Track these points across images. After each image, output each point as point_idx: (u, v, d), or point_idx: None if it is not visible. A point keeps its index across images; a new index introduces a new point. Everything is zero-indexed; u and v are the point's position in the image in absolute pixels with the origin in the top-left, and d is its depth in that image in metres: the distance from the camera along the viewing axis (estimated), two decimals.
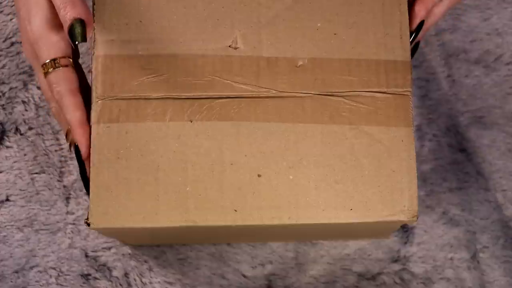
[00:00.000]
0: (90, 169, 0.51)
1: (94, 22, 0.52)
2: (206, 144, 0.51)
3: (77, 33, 0.50)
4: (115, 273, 0.66)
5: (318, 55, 0.52)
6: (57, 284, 0.65)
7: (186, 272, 0.66)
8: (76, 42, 0.50)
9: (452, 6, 0.58)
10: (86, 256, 0.66)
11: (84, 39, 0.51)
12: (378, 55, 0.52)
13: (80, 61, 0.68)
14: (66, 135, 0.54)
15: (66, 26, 0.51)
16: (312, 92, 0.52)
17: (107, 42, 0.52)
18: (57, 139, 0.67)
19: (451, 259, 0.67)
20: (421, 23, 0.55)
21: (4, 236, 0.66)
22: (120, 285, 0.65)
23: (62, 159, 0.67)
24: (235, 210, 0.51)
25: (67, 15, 0.51)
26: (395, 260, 0.67)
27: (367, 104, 0.52)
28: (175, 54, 0.52)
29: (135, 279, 0.65)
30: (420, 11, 0.55)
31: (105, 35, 0.52)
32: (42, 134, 0.68)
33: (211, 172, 0.51)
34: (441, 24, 0.70)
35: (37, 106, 0.68)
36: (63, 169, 0.67)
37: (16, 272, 0.65)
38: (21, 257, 0.66)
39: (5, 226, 0.66)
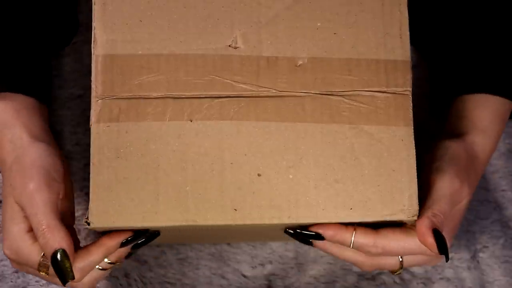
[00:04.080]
0: (90, 168, 0.51)
1: (75, 251, 0.52)
2: (206, 144, 0.51)
3: (63, 268, 0.50)
4: (115, 273, 0.65)
5: (318, 54, 0.53)
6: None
7: (186, 272, 0.66)
8: (67, 280, 0.50)
9: None
10: None
11: (72, 276, 0.51)
12: (378, 54, 0.52)
13: (81, 61, 0.68)
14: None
15: (48, 255, 0.51)
16: (312, 92, 0.52)
17: (107, 42, 0.52)
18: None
19: (451, 259, 0.67)
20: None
21: None
22: (120, 285, 0.65)
23: None
24: (235, 210, 0.51)
25: (47, 243, 0.51)
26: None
27: (367, 104, 0.52)
28: (175, 54, 0.52)
29: (135, 279, 0.65)
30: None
31: (105, 34, 0.52)
32: None
33: (211, 171, 0.51)
34: None
35: None
36: None
37: (16, 272, 0.65)
38: None
39: None
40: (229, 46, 0.52)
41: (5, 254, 0.55)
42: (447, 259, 0.52)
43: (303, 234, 0.54)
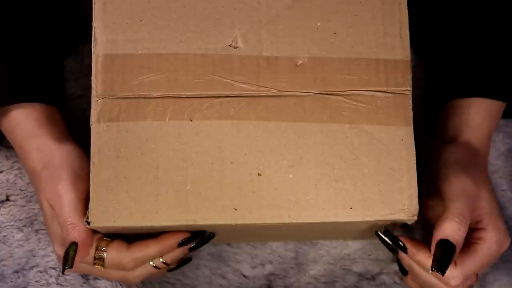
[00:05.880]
0: (90, 168, 0.51)
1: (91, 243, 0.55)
2: (206, 143, 0.51)
3: (69, 256, 0.53)
4: None
5: (318, 54, 0.53)
6: (57, 284, 0.65)
7: (186, 272, 0.66)
8: (66, 267, 0.53)
9: None
10: None
11: (72, 265, 0.53)
12: (378, 54, 0.53)
13: (81, 62, 0.68)
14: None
15: (65, 247, 0.54)
16: (312, 91, 0.52)
17: (107, 41, 0.52)
18: None
19: None
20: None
21: (4, 236, 0.66)
22: (120, 285, 0.65)
23: None
24: (235, 209, 0.51)
25: (67, 239, 0.54)
26: (395, 260, 0.67)
27: (367, 103, 0.52)
28: (175, 53, 0.52)
29: None
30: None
31: (105, 34, 0.52)
32: None
33: (211, 171, 0.51)
34: None
35: None
36: None
37: (16, 272, 0.65)
38: (21, 257, 0.65)
39: (5, 226, 0.66)
40: (229, 45, 0.53)
41: (58, 255, 0.58)
42: (442, 274, 0.52)
43: (393, 241, 0.56)
